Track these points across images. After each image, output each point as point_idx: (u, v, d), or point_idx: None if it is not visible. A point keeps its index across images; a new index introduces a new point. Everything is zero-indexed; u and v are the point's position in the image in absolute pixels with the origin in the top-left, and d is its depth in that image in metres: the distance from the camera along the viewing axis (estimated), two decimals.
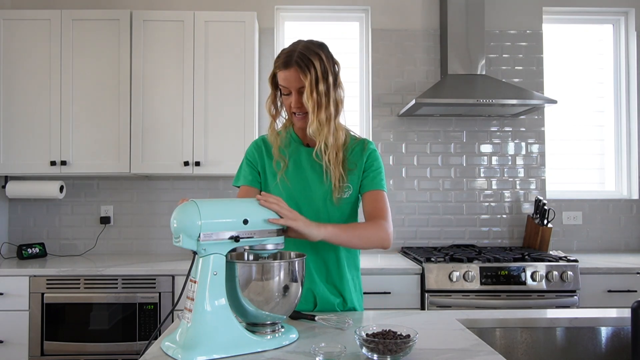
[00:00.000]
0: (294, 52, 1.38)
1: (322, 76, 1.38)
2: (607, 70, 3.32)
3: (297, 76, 1.37)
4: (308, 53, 1.38)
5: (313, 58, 1.37)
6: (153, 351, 1.11)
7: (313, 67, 1.36)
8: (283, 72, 1.39)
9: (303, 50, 1.38)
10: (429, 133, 3.17)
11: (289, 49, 1.41)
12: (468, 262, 2.50)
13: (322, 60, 1.39)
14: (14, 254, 2.95)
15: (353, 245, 1.41)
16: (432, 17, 3.18)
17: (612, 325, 1.42)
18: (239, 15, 2.83)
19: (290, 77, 1.38)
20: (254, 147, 1.57)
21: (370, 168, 1.49)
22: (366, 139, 1.54)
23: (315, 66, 1.37)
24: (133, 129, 2.78)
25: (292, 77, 1.38)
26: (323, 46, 1.43)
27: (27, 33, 2.78)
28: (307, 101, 1.36)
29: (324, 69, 1.38)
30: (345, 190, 1.46)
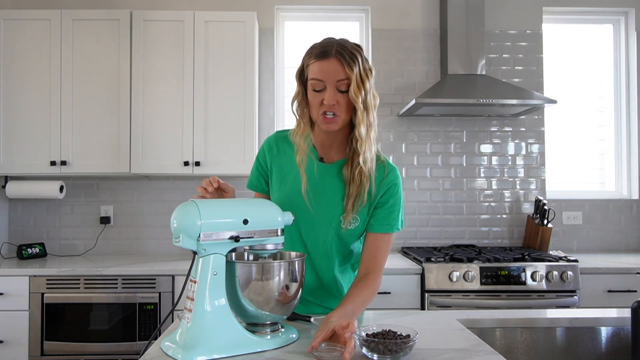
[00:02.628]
0: (332, 44, 1.23)
1: (365, 73, 1.23)
2: (607, 70, 3.32)
3: (339, 67, 1.20)
4: (349, 45, 1.24)
5: (354, 52, 1.23)
6: (153, 351, 1.11)
7: (357, 60, 1.21)
8: (319, 62, 1.22)
9: (343, 42, 1.24)
10: (429, 133, 3.17)
11: (325, 41, 1.25)
12: (468, 262, 2.50)
13: (363, 59, 1.25)
14: (14, 254, 2.95)
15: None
16: (432, 17, 3.18)
17: (612, 325, 1.42)
18: (239, 15, 2.83)
19: (329, 67, 1.20)
20: (265, 146, 1.43)
21: (386, 204, 1.33)
22: (389, 165, 1.35)
23: (358, 60, 1.22)
24: (133, 129, 2.78)
25: (332, 68, 1.20)
26: (360, 46, 1.28)
27: (27, 33, 2.78)
28: (355, 97, 1.20)
29: (364, 68, 1.24)
30: (352, 222, 1.32)
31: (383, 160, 1.35)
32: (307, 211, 1.33)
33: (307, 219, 1.34)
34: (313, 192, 1.33)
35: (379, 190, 1.32)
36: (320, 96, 1.24)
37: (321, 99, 1.24)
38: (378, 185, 1.32)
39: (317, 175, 1.33)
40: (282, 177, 1.38)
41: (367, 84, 1.22)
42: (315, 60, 1.23)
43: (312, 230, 1.35)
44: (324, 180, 1.33)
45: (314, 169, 1.33)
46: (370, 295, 1.30)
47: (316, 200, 1.33)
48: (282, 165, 1.39)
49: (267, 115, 3.13)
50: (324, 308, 1.43)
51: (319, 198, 1.33)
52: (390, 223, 1.34)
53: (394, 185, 1.34)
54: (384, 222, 1.34)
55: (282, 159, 1.39)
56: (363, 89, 1.21)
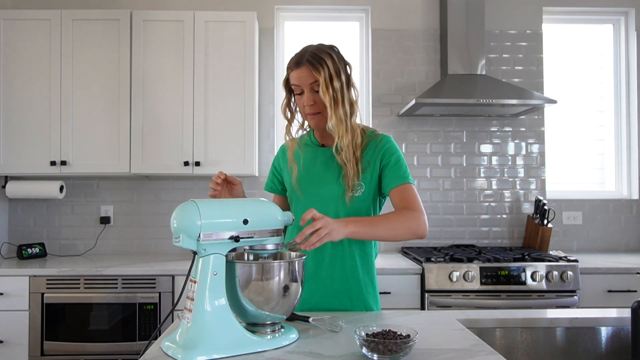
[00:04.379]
0: (305, 53, 1.42)
1: (335, 74, 1.40)
2: (607, 70, 3.32)
3: (309, 73, 1.40)
4: (319, 52, 1.41)
5: (324, 57, 1.41)
6: (153, 351, 1.11)
7: (325, 65, 1.39)
8: (295, 71, 1.42)
9: (314, 51, 1.42)
10: (429, 133, 3.17)
11: (301, 51, 1.45)
12: (468, 262, 2.50)
13: (334, 59, 1.42)
14: (14, 254, 2.95)
15: (380, 238, 1.38)
16: (432, 17, 3.18)
17: (612, 325, 1.42)
18: (239, 15, 2.83)
19: (302, 74, 1.41)
20: (280, 151, 1.64)
21: (389, 164, 1.47)
22: (381, 135, 1.52)
23: (327, 64, 1.40)
24: (133, 129, 2.78)
25: (303, 75, 1.40)
26: (333, 47, 1.47)
27: (27, 33, 2.78)
28: (324, 96, 1.38)
29: (336, 67, 1.41)
30: (357, 189, 1.45)
31: (374, 130, 1.54)
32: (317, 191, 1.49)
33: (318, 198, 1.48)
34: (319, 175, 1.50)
35: (377, 154, 1.48)
36: (302, 98, 1.45)
37: (303, 101, 1.45)
38: (375, 151, 1.48)
39: (319, 160, 1.52)
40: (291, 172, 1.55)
41: (336, 82, 1.40)
42: (291, 69, 1.44)
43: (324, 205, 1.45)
44: (326, 162, 1.51)
45: (318, 156, 1.53)
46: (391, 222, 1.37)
47: (323, 180, 1.50)
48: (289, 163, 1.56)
49: (267, 115, 3.13)
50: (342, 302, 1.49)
51: (324, 177, 1.50)
52: (402, 175, 1.46)
53: (390, 146, 1.49)
54: (396, 176, 1.45)
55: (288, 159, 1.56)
56: (331, 87, 1.39)
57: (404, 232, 1.37)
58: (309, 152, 1.55)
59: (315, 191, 1.50)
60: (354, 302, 1.49)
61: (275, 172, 1.65)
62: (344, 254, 1.48)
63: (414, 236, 1.39)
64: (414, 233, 1.38)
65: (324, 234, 1.20)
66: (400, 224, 1.37)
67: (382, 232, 1.36)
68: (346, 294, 1.49)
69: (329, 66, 1.40)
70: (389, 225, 1.36)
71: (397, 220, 1.38)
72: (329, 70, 1.39)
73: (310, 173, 1.52)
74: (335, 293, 1.48)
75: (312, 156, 1.54)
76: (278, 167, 1.64)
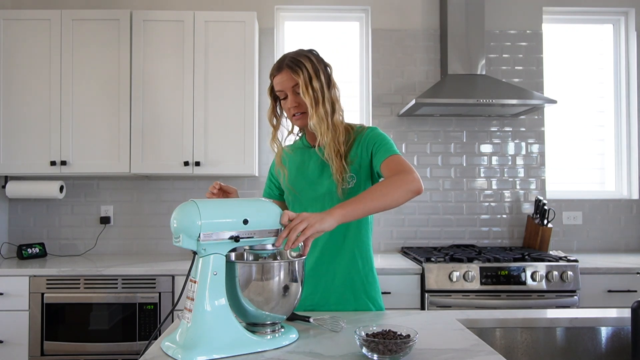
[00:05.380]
0: (285, 58, 1.49)
1: (315, 74, 1.45)
2: (607, 70, 3.32)
3: (289, 76, 1.46)
4: (297, 56, 1.48)
5: (303, 59, 1.47)
6: (153, 351, 1.11)
7: (304, 67, 1.45)
8: (277, 77, 1.49)
9: (293, 56, 1.49)
10: (429, 133, 3.17)
11: (280, 58, 1.52)
12: (468, 262, 2.50)
13: (312, 61, 1.48)
14: (14, 254, 2.95)
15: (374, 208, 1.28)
16: (432, 17, 3.18)
17: (612, 325, 1.42)
18: (239, 15, 2.83)
19: (282, 79, 1.47)
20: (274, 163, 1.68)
21: (374, 145, 1.48)
22: (368, 127, 1.55)
23: (306, 66, 1.45)
24: (133, 129, 2.78)
25: (284, 79, 1.47)
26: (312, 50, 1.52)
27: (27, 33, 2.78)
28: (304, 96, 1.43)
29: (315, 68, 1.46)
30: (349, 181, 1.49)
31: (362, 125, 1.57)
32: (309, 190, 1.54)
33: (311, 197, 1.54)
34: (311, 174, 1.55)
35: (364, 144, 1.50)
36: (287, 103, 1.50)
37: (287, 104, 1.50)
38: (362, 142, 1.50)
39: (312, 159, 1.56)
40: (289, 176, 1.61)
41: (315, 83, 1.44)
42: (274, 75, 1.51)
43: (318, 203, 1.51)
44: (317, 161, 1.55)
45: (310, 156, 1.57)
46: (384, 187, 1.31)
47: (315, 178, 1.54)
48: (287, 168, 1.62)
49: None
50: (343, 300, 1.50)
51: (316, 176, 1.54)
52: (388, 149, 1.46)
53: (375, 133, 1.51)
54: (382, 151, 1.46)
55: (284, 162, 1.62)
56: (311, 88, 1.44)
57: (397, 193, 1.30)
58: (301, 154, 1.60)
59: (310, 190, 1.54)
60: (357, 295, 1.50)
61: (272, 178, 1.71)
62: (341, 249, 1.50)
63: (409, 193, 1.32)
64: (408, 190, 1.32)
65: (301, 228, 1.14)
66: (390, 187, 1.31)
67: (374, 203, 1.27)
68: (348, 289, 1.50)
69: (308, 68, 1.45)
70: (378, 192, 1.29)
71: (386, 185, 1.31)
72: (308, 72, 1.45)
73: (304, 173, 1.57)
74: (336, 288, 1.50)
75: (304, 157, 1.59)
76: (274, 173, 1.70)
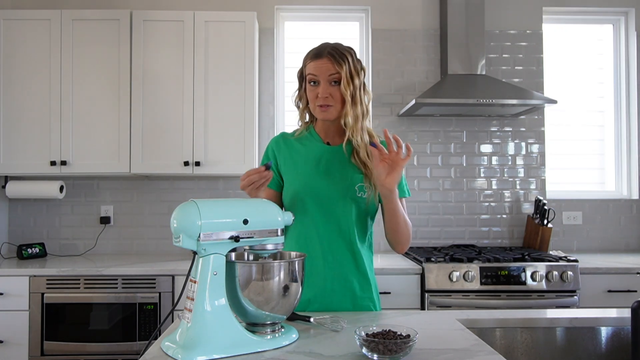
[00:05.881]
0: (325, 46, 1.45)
1: (355, 72, 1.43)
2: (607, 70, 3.32)
3: (329, 65, 1.41)
4: (340, 48, 1.44)
5: (345, 53, 1.43)
6: (153, 351, 1.11)
7: (347, 60, 1.41)
8: (314, 61, 1.43)
9: (335, 45, 1.45)
10: (429, 133, 3.17)
11: (319, 46, 1.47)
12: (468, 262, 2.50)
13: (353, 59, 1.45)
14: (14, 254, 2.95)
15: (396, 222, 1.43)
16: (432, 17, 3.18)
17: (612, 325, 1.42)
18: (239, 15, 2.83)
19: (322, 65, 1.41)
20: (272, 144, 1.58)
21: None
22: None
23: (348, 60, 1.42)
24: (133, 128, 2.78)
25: (324, 66, 1.41)
26: (352, 49, 1.49)
27: (27, 33, 2.78)
28: (345, 90, 1.40)
29: (355, 66, 1.43)
30: (364, 190, 1.46)
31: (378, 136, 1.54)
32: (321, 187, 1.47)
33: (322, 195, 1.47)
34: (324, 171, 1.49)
35: None
36: (316, 90, 1.44)
37: (317, 92, 1.44)
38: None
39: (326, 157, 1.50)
40: (293, 164, 1.53)
41: (356, 80, 1.42)
42: (310, 60, 1.45)
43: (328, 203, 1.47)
44: (333, 160, 1.50)
45: (321, 152, 1.51)
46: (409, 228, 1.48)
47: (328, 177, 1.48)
48: (291, 154, 1.54)
49: (267, 115, 3.13)
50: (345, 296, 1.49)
51: (330, 174, 1.48)
52: (405, 189, 1.54)
53: None
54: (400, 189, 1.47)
55: (290, 150, 1.55)
56: (352, 84, 1.41)
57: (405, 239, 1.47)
58: (313, 147, 1.52)
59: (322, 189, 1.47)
60: (356, 300, 1.49)
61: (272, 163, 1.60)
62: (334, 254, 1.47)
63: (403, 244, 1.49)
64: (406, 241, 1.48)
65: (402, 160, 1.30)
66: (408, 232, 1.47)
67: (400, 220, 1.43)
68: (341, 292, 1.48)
69: (350, 62, 1.42)
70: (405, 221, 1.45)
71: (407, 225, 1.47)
72: (350, 66, 1.41)
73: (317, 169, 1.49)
74: (330, 292, 1.48)
75: (316, 151, 1.51)
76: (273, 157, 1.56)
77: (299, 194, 1.48)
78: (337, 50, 1.43)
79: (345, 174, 1.47)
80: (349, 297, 1.49)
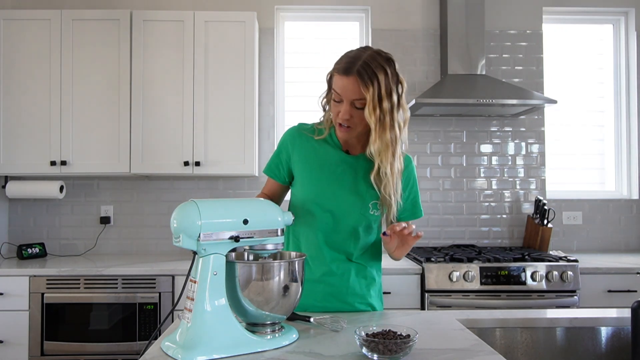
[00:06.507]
0: (357, 60, 1.26)
1: (386, 93, 1.25)
2: (607, 70, 3.32)
3: (355, 87, 1.25)
4: (373, 65, 1.25)
5: (378, 71, 1.24)
6: (153, 351, 1.11)
7: (377, 81, 1.23)
8: (341, 78, 1.27)
9: (368, 60, 1.25)
10: (429, 133, 3.17)
11: (354, 54, 1.28)
12: (468, 262, 2.50)
13: (388, 76, 1.26)
14: (14, 254, 2.95)
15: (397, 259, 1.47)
16: (432, 17, 3.18)
17: (612, 325, 1.42)
18: (239, 15, 2.83)
19: (347, 85, 1.26)
20: (288, 136, 1.48)
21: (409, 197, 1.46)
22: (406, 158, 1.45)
23: (379, 80, 1.24)
24: (133, 129, 2.78)
25: (349, 86, 1.25)
26: (390, 61, 1.29)
27: (27, 33, 2.78)
28: (369, 117, 1.24)
29: (387, 86, 1.25)
30: (377, 208, 1.42)
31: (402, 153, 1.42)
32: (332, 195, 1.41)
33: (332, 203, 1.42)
34: (341, 181, 1.41)
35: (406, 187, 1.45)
36: (338, 107, 1.31)
37: (339, 110, 1.31)
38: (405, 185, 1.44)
39: (342, 167, 1.42)
40: (307, 166, 1.44)
41: (385, 103, 1.24)
42: (338, 73, 1.29)
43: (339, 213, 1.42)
44: (349, 171, 1.42)
45: (338, 159, 1.43)
46: None
47: (341, 186, 1.41)
48: (307, 155, 1.45)
49: (267, 115, 3.13)
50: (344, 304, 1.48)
51: (343, 184, 1.41)
52: (416, 212, 1.51)
53: (415, 175, 1.49)
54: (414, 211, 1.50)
55: (307, 149, 1.45)
56: (379, 109, 1.24)
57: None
58: (331, 154, 1.43)
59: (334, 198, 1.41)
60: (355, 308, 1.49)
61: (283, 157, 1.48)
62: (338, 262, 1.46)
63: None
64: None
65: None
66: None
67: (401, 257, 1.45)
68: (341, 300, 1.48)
69: (381, 84, 1.23)
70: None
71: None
72: (380, 89, 1.23)
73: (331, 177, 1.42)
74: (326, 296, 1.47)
75: (334, 160, 1.42)
76: (286, 153, 1.47)
77: (309, 199, 1.43)
78: (368, 67, 1.24)
79: (359, 187, 1.41)
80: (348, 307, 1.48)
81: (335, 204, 1.42)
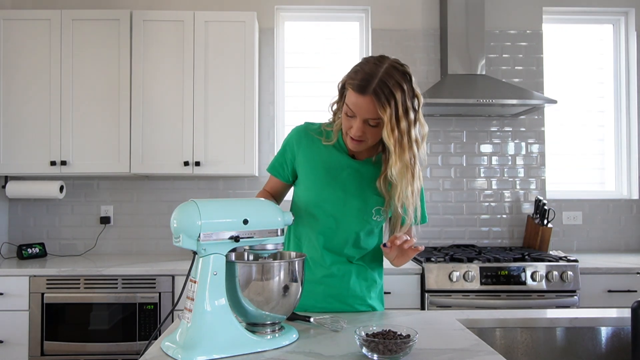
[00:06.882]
0: (373, 77, 1.19)
1: (404, 112, 1.19)
2: (607, 70, 3.32)
3: (371, 107, 1.19)
4: (391, 83, 1.18)
5: (395, 90, 1.18)
6: (153, 351, 1.11)
7: (393, 101, 1.18)
8: (355, 95, 1.21)
9: (385, 78, 1.18)
10: (429, 133, 3.15)
11: (370, 70, 1.21)
12: (468, 262, 2.50)
13: (405, 93, 1.20)
14: (14, 254, 2.95)
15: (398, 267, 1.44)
16: (432, 17, 3.18)
17: (612, 325, 1.42)
18: (239, 15, 2.83)
19: (362, 105, 1.20)
20: (294, 136, 1.45)
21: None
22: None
23: (396, 100, 1.18)
24: (133, 128, 2.78)
25: (364, 106, 1.20)
26: (407, 75, 1.23)
27: (27, 33, 2.78)
28: (388, 140, 1.20)
29: (404, 104, 1.19)
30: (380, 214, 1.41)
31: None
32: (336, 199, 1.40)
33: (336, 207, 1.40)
34: (346, 186, 1.40)
35: None
36: (350, 121, 1.27)
37: (350, 125, 1.27)
38: None
39: (347, 171, 1.40)
40: (312, 168, 1.43)
41: (403, 123, 1.20)
42: (352, 90, 1.22)
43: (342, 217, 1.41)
44: (355, 175, 1.40)
45: (344, 163, 1.41)
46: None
47: (345, 190, 1.40)
48: (313, 157, 1.43)
49: (267, 115, 3.13)
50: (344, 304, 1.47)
51: (347, 188, 1.40)
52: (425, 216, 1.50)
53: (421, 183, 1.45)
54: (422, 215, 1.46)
55: (312, 151, 1.43)
56: (397, 130, 1.19)
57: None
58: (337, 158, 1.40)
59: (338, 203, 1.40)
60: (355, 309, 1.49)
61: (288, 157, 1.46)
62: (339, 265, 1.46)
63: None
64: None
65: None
66: None
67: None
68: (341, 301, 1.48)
69: (398, 103, 1.18)
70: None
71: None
72: (397, 109, 1.18)
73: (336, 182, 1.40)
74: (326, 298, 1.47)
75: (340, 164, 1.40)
76: (292, 152, 1.45)
77: (313, 203, 1.42)
78: (385, 86, 1.17)
79: (364, 193, 1.39)
80: (349, 307, 1.48)
81: (339, 209, 1.40)
